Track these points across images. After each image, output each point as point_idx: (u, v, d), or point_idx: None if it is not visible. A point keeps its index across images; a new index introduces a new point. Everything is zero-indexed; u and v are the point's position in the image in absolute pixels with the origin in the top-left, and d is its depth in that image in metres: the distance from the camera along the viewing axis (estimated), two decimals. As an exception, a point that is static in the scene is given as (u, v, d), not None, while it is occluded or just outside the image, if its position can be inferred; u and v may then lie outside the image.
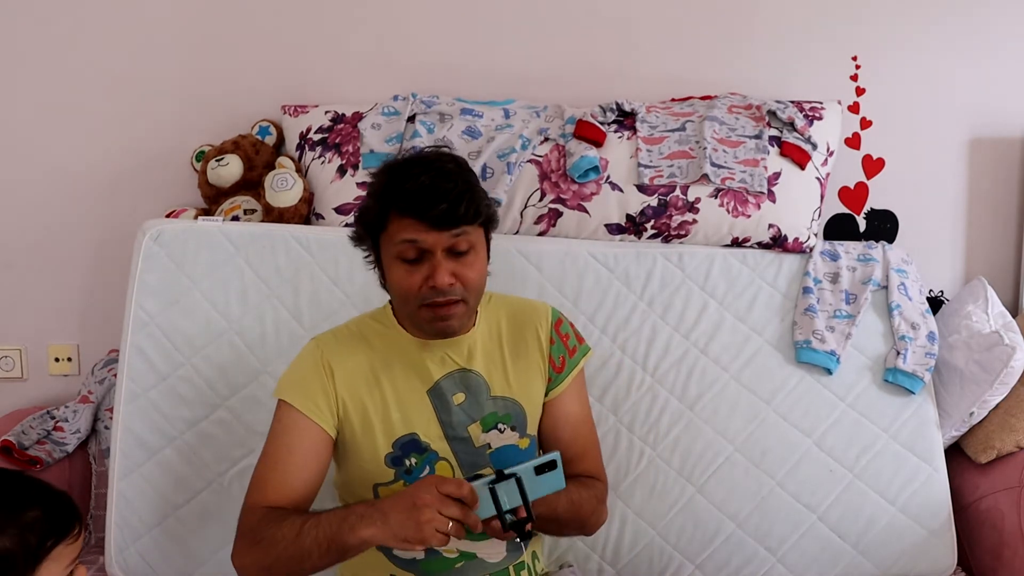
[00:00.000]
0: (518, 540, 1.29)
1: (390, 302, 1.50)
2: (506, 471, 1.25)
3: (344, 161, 2.02)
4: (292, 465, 1.37)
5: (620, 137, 2.03)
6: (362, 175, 1.99)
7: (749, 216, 1.97)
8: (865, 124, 2.19)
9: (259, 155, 2.07)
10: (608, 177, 1.98)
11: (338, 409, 1.41)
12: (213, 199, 2.08)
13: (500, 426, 1.46)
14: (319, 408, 1.40)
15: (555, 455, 1.28)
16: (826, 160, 2.07)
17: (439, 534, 1.18)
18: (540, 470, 1.26)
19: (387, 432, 1.42)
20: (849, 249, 2.06)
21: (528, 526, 1.26)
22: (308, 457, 1.38)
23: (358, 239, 1.44)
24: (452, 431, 1.44)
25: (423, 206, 1.30)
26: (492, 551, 1.46)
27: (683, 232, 1.98)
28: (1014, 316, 2.03)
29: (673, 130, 2.03)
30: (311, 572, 1.27)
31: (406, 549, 1.28)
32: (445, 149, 1.43)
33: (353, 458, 1.44)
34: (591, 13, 2.16)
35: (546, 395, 1.51)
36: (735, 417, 1.85)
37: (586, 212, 1.97)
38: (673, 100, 2.15)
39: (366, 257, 1.47)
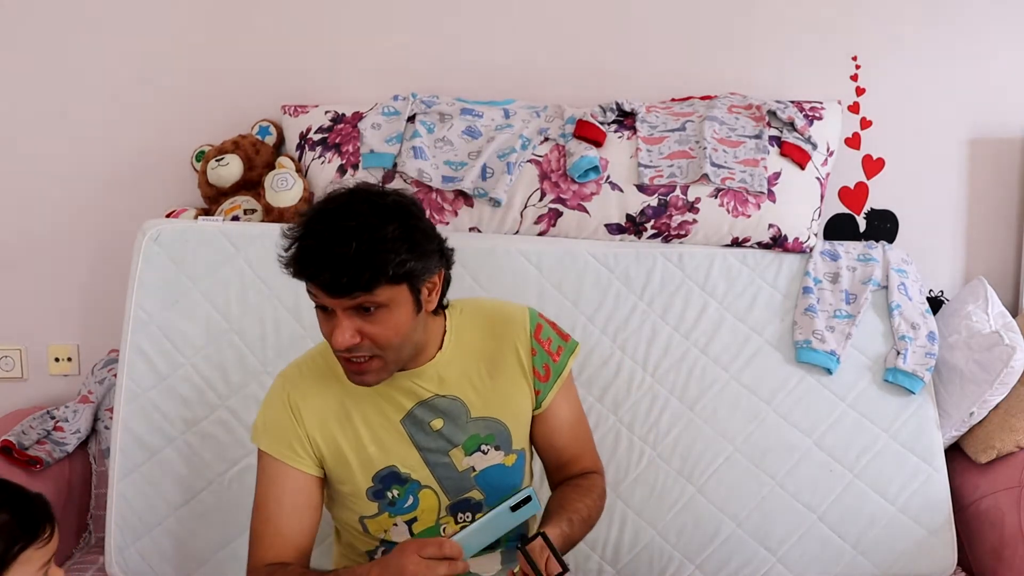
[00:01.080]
0: None
1: None
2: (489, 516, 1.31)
3: (344, 161, 2.02)
4: (284, 517, 1.36)
5: (620, 137, 2.03)
6: (362, 175, 1.99)
7: (749, 216, 1.97)
8: (865, 124, 2.19)
9: (259, 155, 2.07)
10: (608, 177, 1.98)
11: (312, 449, 1.38)
12: (213, 199, 2.08)
13: (483, 447, 1.41)
14: (296, 453, 1.36)
15: (529, 491, 1.33)
16: (826, 160, 2.07)
17: None
18: (516, 507, 1.31)
19: (364, 467, 1.38)
20: (849, 249, 2.06)
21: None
22: (298, 505, 1.37)
23: None
24: (433, 457, 1.39)
25: (308, 273, 1.22)
26: (488, 566, 1.43)
27: (683, 232, 1.98)
28: (1014, 316, 2.03)
29: (673, 130, 2.03)
30: None
31: None
32: (375, 187, 1.31)
33: (337, 494, 1.42)
34: (591, 13, 2.16)
35: (537, 407, 1.45)
36: (735, 417, 1.85)
37: (586, 212, 1.97)
38: (673, 100, 2.15)
39: None
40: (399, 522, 1.40)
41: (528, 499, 1.31)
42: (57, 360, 2.23)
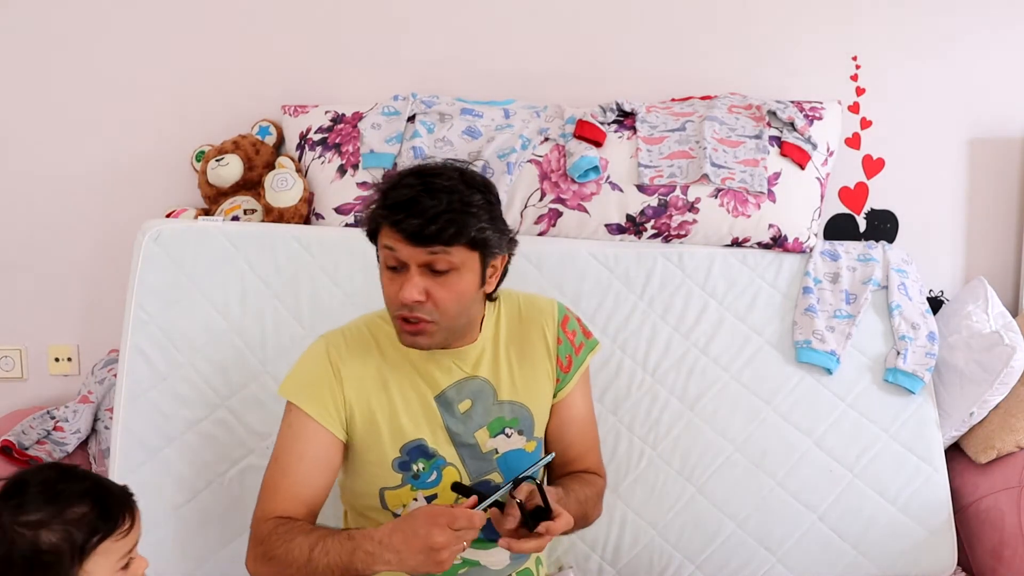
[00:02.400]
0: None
1: None
2: (520, 476, 1.27)
3: (344, 161, 2.02)
4: (303, 473, 1.36)
5: (620, 137, 2.03)
6: (362, 175, 1.99)
7: (749, 216, 1.97)
8: (865, 124, 2.19)
9: (259, 155, 2.07)
10: (608, 177, 1.98)
11: (346, 413, 1.40)
12: (213, 199, 2.08)
13: (507, 431, 1.45)
14: (329, 412, 1.38)
15: (549, 457, 1.35)
16: (826, 160, 2.07)
17: (453, 561, 1.22)
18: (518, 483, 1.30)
19: (395, 437, 1.41)
20: (849, 249, 2.06)
21: (551, 515, 1.27)
22: (319, 464, 1.38)
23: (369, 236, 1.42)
24: (459, 438, 1.43)
25: (398, 218, 1.28)
26: (496, 558, 1.46)
27: (683, 232, 1.98)
28: (1014, 316, 2.03)
29: (673, 130, 2.03)
30: None
31: None
32: (466, 164, 1.39)
33: (360, 462, 1.43)
34: (591, 13, 2.16)
35: (554, 396, 1.49)
36: (735, 417, 1.85)
37: (586, 212, 1.97)
38: (673, 100, 2.15)
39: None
40: (419, 496, 1.42)
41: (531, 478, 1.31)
42: (57, 360, 2.23)
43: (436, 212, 1.27)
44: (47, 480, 1.09)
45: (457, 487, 1.34)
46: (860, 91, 2.18)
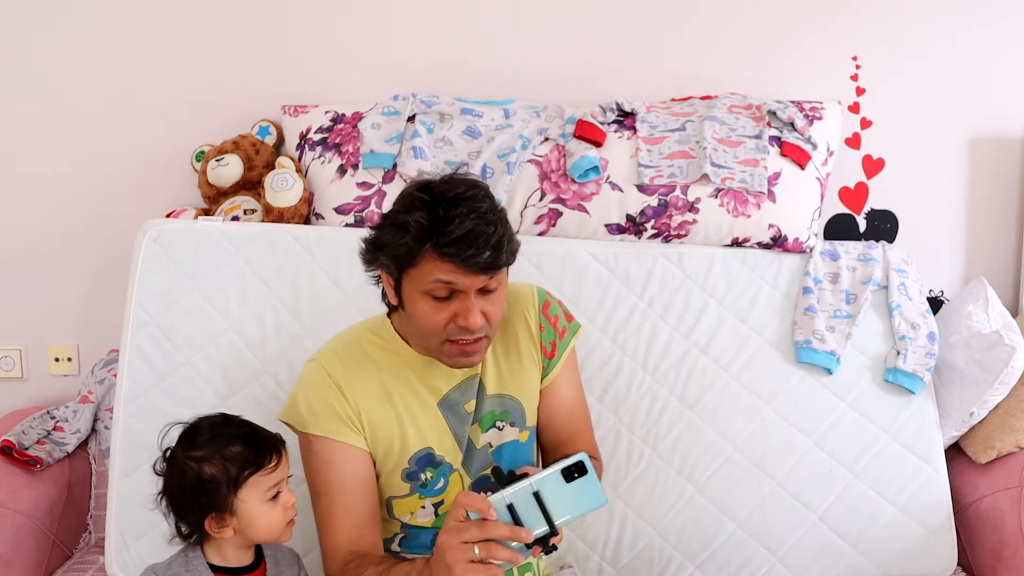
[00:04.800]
0: (544, 553, 1.14)
1: (388, 315, 1.45)
2: (527, 482, 1.11)
3: (344, 161, 2.02)
4: (349, 497, 1.35)
5: (620, 137, 2.03)
6: (362, 175, 1.99)
7: (749, 216, 1.97)
8: (865, 124, 2.19)
9: (259, 155, 2.07)
10: (608, 177, 1.98)
11: (362, 425, 1.39)
12: (213, 199, 2.08)
13: (499, 424, 1.45)
14: (350, 429, 1.37)
15: (582, 456, 1.13)
16: (826, 160, 2.07)
17: (472, 564, 1.09)
18: (569, 476, 1.12)
19: (403, 448, 1.40)
20: (849, 249, 2.06)
21: (554, 540, 1.13)
22: (362, 483, 1.37)
23: (372, 262, 1.35)
24: (464, 440, 1.43)
25: (468, 254, 1.23)
26: None
27: (683, 232, 1.98)
28: (1014, 316, 2.03)
29: (673, 130, 2.03)
30: None
31: None
32: (471, 176, 1.35)
33: None
34: (591, 13, 2.16)
35: (541, 383, 1.49)
36: (735, 417, 1.85)
37: (586, 212, 1.97)
38: (673, 100, 2.15)
39: (370, 271, 1.39)
40: (427, 504, 1.42)
41: (580, 465, 1.12)
42: (57, 360, 2.23)
43: (498, 240, 1.25)
44: (213, 425, 1.30)
45: (495, 473, 1.21)
46: (860, 91, 2.18)
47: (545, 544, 1.13)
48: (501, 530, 1.09)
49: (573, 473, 1.12)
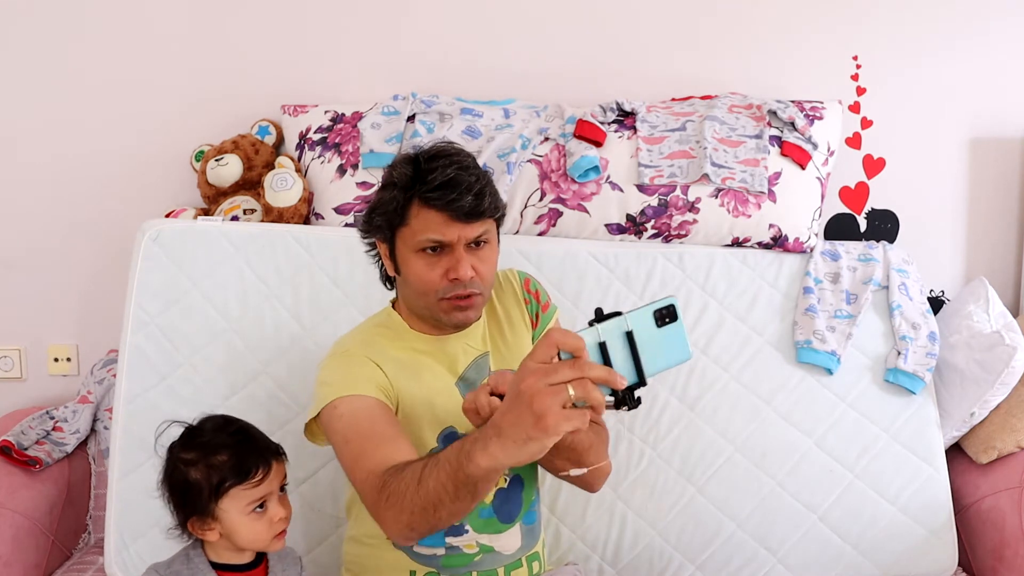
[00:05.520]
0: (626, 409, 0.98)
1: (392, 305, 1.49)
2: (621, 319, 0.95)
3: (344, 161, 2.02)
4: (381, 428, 1.29)
5: (620, 137, 2.03)
6: (362, 175, 1.99)
7: (749, 216, 1.96)
8: (866, 124, 2.19)
9: (259, 155, 2.07)
10: (608, 177, 1.98)
11: (391, 390, 1.37)
12: (213, 199, 2.07)
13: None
14: (372, 386, 1.34)
15: (672, 300, 0.96)
16: (827, 160, 2.06)
17: (564, 410, 0.92)
18: (660, 319, 0.96)
19: (433, 425, 1.41)
20: (850, 249, 2.06)
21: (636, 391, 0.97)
22: (391, 421, 1.32)
23: (369, 231, 1.43)
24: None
25: (451, 198, 1.31)
26: (507, 543, 1.45)
27: (683, 232, 1.98)
28: (1015, 316, 2.03)
29: (673, 130, 2.03)
30: (453, 519, 1.14)
31: (538, 455, 0.98)
32: (454, 144, 1.42)
33: None
34: (591, 13, 2.16)
35: None
36: (735, 417, 1.85)
37: (586, 212, 1.97)
38: (673, 100, 2.15)
39: (370, 251, 1.47)
40: None
41: (672, 309, 0.97)
42: (56, 360, 2.23)
43: (480, 187, 1.33)
44: (211, 428, 1.30)
45: (599, 313, 0.99)
46: (860, 91, 2.18)
47: (631, 397, 0.97)
48: (597, 371, 0.93)
49: (665, 317, 0.97)
